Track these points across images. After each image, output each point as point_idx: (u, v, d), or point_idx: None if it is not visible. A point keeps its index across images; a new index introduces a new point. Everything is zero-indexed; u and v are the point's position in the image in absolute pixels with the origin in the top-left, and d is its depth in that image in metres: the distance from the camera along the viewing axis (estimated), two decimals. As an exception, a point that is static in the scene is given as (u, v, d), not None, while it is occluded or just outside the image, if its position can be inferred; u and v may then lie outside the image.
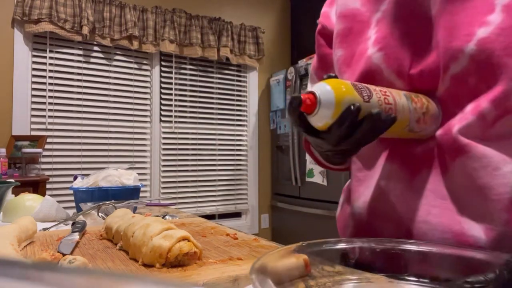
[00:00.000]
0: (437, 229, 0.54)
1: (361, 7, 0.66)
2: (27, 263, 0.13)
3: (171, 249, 0.48)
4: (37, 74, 2.84)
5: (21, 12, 2.70)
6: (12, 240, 0.53)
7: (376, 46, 0.61)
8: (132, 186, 1.09)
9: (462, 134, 0.53)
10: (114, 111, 3.13)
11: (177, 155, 3.40)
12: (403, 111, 0.51)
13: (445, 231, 0.53)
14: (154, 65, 3.32)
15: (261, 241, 0.63)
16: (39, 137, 2.71)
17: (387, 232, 0.60)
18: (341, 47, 0.67)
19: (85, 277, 0.13)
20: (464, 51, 0.51)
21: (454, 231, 0.53)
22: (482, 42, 0.50)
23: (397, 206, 0.59)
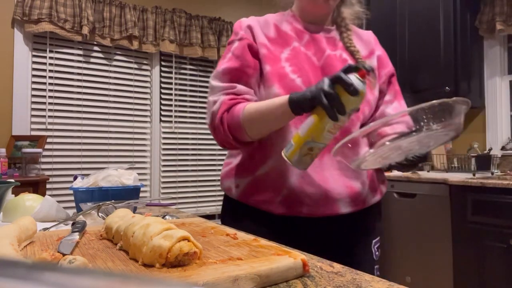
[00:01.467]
0: (338, 184, 0.94)
1: (270, 46, 1.00)
2: (27, 263, 0.13)
3: (171, 249, 0.48)
4: (37, 74, 2.84)
5: (21, 12, 2.70)
6: (12, 240, 0.53)
7: (295, 74, 0.96)
8: (132, 186, 1.09)
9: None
10: (114, 111, 3.13)
11: (177, 155, 3.40)
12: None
13: (341, 186, 0.94)
14: (154, 65, 3.32)
15: (261, 241, 0.63)
16: (39, 137, 2.71)
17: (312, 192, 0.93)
18: (268, 64, 0.98)
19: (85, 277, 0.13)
20: None
21: (346, 185, 0.95)
22: None
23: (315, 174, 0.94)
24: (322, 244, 0.92)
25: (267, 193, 0.96)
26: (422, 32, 2.86)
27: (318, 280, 0.50)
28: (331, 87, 0.73)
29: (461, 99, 0.67)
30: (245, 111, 0.90)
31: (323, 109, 0.74)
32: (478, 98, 2.87)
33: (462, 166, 2.86)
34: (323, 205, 0.93)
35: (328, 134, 0.77)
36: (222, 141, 0.97)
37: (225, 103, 0.94)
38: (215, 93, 0.98)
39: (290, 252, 0.54)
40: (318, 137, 0.76)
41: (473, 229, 2.22)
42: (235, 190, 1.02)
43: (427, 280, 2.46)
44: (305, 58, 0.99)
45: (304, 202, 0.93)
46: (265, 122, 0.88)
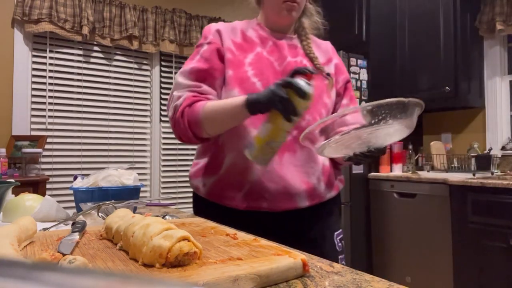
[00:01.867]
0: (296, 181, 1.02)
1: (236, 51, 1.07)
2: (27, 263, 0.13)
3: (171, 249, 0.48)
4: (37, 74, 2.84)
5: (21, 12, 2.70)
6: (12, 240, 0.53)
7: (256, 77, 1.03)
8: (132, 186, 1.09)
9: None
10: (114, 111, 3.13)
11: (177, 155, 3.40)
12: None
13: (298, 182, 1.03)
14: (154, 65, 3.32)
15: (261, 241, 0.63)
16: (39, 137, 2.71)
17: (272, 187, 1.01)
18: (231, 69, 1.05)
19: (85, 277, 0.13)
20: None
21: (304, 181, 1.03)
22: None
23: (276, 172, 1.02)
24: (286, 237, 0.94)
25: (230, 190, 1.04)
26: (422, 32, 2.86)
27: (318, 280, 0.50)
28: (284, 92, 0.81)
29: (415, 100, 0.76)
30: (205, 108, 0.97)
31: (278, 112, 0.83)
32: (478, 98, 2.87)
33: (462, 166, 2.86)
34: (282, 200, 1.01)
35: (286, 133, 0.89)
36: (180, 135, 1.02)
37: (188, 99, 1.00)
38: (180, 88, 1.04)
39: (290, 252, 0.54)
40: (277, 137, 0.88)
41: (473, 229, 2.22)
42: (202, 189, 1.10)
43: (427, 280, 2.46)
44: (267, 63, 1.07)
45: (265, 197, 1.01)
46: (223, 120, 0.96)
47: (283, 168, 1.01)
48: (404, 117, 0.76)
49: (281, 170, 1.01)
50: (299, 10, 1.09)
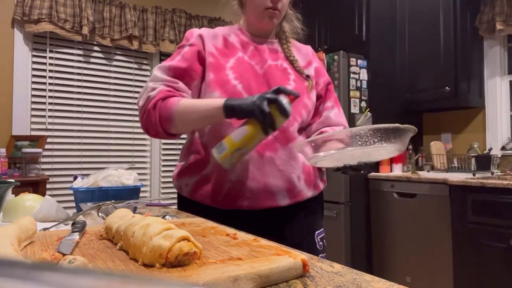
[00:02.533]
0: (276, 178, 1.04)
1: (218, 55, 1.10)
2: (27, 263, 0.13)
3: (171, 249, 0.48)
4: (37, 74, 2.84)
5: (21, 12, 2.70)
6: (12, 240, 0.53)
7: (237, 80, 1.05)
8: (132, 186, 1.09)
9: (293, 130, 1.08)
10: (114, 111, 3.13)
11: (177, 155, 3.40)
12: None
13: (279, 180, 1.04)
14: (154, 65, 3.32)
15: (261, 241, 0.63)
16: (39, 137, 2.71)
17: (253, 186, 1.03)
18: (212, 73, 1.07)
19: (85, 277, 0.13)
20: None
21: (283, 179, 1.05)
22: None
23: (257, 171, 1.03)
24: (266, 235, 0.94)
25: (212, 189, 1.05)
26: (422, 32, 2.86)
27: (318, 280, 0.50)
28: (267, 106, 0.85)
29: (411, 126, 0.81)
30: (179, 104, 0.97)
31: (258, 124, 0.87)
32: (478, 98, 2.87)
33: (462, 166, 2.86)
34: (263, 198, 1.03)
35: (259, 142, 0.92)
36: (147, 127, 1.02)
37: (163, 92, 1.00)
38: (157, 81, 1.04)
39: (290, 252, 0.54)
40: (249, 145, 0.90)
41: (473, 229, 2.22)
42: (185, 189, 1.12)
43: (427, 280, 2.46)
44: (248, 67, 1.10)
45: (245, 195, 1.02)
46: (196, 119, 0.97)
47: (264, 166, 1.03)
48: (398, 141, 0.81)
49: (262, 169, 1.03)
50: (280, 17, 1.12)
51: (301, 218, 1.11)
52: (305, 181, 1.10)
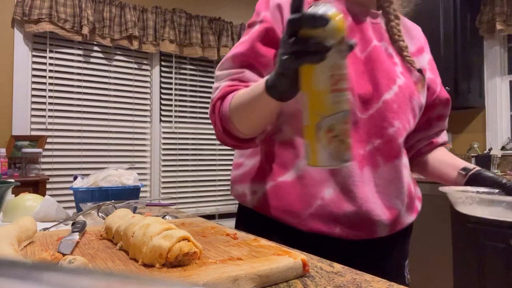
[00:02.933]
0: (378, 204, 0.80)
1: None
2: (27, 263, 0.13)
3: (171, 249, 0.48)
4: (37, 74, 2.84)
5: (21, 12, 2.70)
6: (12, 240, 0.53)
7: None
8: (132, 186, 1.09)
9: (401, 143, 0.83)
10: (114, 111, 3.13)
11: (177, 155, 3.40)
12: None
13: (381, 206, 0.80)
14: (154, 65, 3.32)
15: (261, 241, 0.63)
16: (39, 137, 2.71)
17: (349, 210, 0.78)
18: None
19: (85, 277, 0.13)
20: (392, 88, 0.82)
21: (386, 205, 0.81)
22: (401, 87, 0.83)
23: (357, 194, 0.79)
24: (354, 268, 0.75)
25: (294, 204, 0.79)
26: (422, 31, 2.85)
27: (318, 280, 0.50)
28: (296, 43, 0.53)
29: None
30: (234, 98, 0.75)
31: (303, 68, 0.54)
32: (478, 98, 2.87)
33: (462, 166, 2.86)
34: (360, 227, 0.78)
35: (334, 94, 0.53)
36: (217, 136, 0.81)
37: (224, 89, 0.78)
38: (220, 79, 0.82)
39: (290, 252, 0.54)
40: (326, 108, 0.53)
41: (473, 229, 2.22)
42: (250, 198, 0.85)
43: (427, 280, 2.46)
44: None
45: (339, 221, 0.77)
46: (248, 112, 0.72)
47: (364, 186, 0.78)
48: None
49: (361, 190, 0.78)
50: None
51: (396, 248, 0.88)
52: (407, 206, 0.86)
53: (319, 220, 0.78)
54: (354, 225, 0.78)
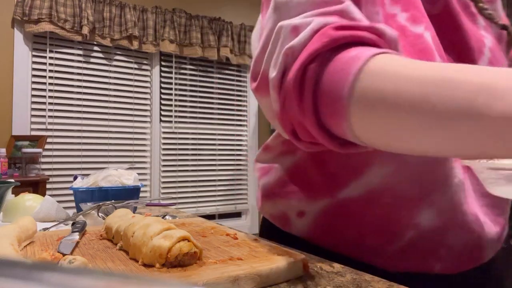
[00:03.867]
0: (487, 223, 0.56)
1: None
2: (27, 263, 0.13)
3: (171, 249, 0.48)
4: (37, 74, 2.84)
5: (21, 12, 2.70)
6: (12, 240, 0.53)
7: (419, 25, 0.51)
8: (132, 186, 1.09)
9: None
10: (114, 111, 3.13)
11: (177, 155, 3.40)
12: None
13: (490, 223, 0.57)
14: (154, 65, 3.32)
15: (261, 241, 0.63)
16: (39, 137, 2.71)
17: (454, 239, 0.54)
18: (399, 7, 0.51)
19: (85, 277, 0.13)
20: (483, 51, 0.56)
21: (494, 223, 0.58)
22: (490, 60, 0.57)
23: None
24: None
25: (371, 236, 0.54)
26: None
27: (318, 280, 0.50)
28: None
29: None
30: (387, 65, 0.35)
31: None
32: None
33: (462, 166, 2.86)
34: (467, 257, 0.55)
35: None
36: (287, 120, 0.43)
37: (329, 27, 0.40)
38: (292, 14, 0.44)
39: (290, 252, 0.54)
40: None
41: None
42: (297, 221, 0.60)
43: None
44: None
45: (440, 255, 0.53)
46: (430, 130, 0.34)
47: (471, 200, 0.54)
48: None
49: (470, 206, 0.53)
50: None
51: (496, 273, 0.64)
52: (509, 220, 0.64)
53: (412, 257, 0.53)
54: (461, 255, 0.54)
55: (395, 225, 0.53)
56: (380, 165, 0.52)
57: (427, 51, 0.49)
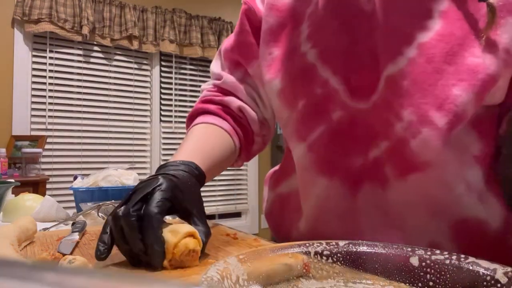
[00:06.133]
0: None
1: (295, 1, 0.60)
2: (27, 263, 0.13)
3: (177, 244, 0.48)
4: (37, 74, 2.84)
5: (21, 12, 2.70)
6: (12, 240, 0.53)
7: (310, 42, 0.57)
8: (132, 186, 1.09)
9: (419, 149, 0.48)
10: (114, 111, 3.13)
11: (177, 155, 3.39)
12: None
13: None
14: (154, 65, 3.32)
15: (261, 241, 0.63)
16: (39, 137, 2.71)
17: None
18: (277, 46, 0.61)
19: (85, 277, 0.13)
20: (403, 53, 0.49)
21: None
22: (422, 46, 0.48)
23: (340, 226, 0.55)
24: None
25: (281, 226, 0.69)
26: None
27: (318, 280, 0.50)
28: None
29: None
30: (188, 132, 0.70)
31: None
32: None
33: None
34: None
35: None
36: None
37: (199, 102, 0.74)
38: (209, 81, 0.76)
39: (290, 252, 0.54)
40: None
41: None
42: (264, 203, 0.77)
43: None
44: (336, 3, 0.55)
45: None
46: None
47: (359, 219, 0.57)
48: None
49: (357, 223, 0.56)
50: None
51: None
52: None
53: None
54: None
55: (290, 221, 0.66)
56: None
57: (309, 68, 0.56)
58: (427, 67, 0.47)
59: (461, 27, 0.47)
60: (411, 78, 0.48)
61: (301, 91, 0.57)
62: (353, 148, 0.54)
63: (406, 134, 0.49)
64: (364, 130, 0.53)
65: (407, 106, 0.48)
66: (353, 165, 0.54)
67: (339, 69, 0.54)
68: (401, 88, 0.48)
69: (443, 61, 0.46)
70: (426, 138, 0.47)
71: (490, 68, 0.45)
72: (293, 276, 0.50)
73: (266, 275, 0.47)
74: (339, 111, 0.55)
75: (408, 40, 0.48)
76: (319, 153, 0.56)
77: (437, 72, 0.46)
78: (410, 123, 0.48)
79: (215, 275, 0.33)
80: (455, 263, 0.39)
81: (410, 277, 0.44)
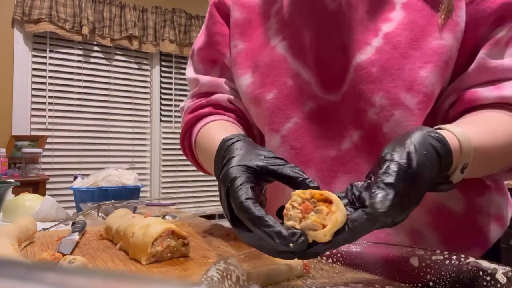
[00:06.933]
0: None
1: (259, 1, 0.63)
2: (27, 263, 0.13)
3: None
4: (37, 74, 2.84)
5: (21, 12, 2.70)
6: (12, 240, 0.53)
7: (279, 36, 0.59)
8: (132, 186, 1.09)
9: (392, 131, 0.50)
10: (114, 111, 3.13)
11: (177, 155, 3.40)
12: None
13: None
14: (154, 65, 3.32)
15: (261, 241, 0.63)
16: (39, 137, 2.71)
17: None
18: (242, 40, 0.63)
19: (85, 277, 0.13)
20: (371, 43, 0.51)
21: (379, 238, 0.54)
22: (387, 35, 0.51)
23: None
24: None
25: None
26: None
27: (318, 280, 0.50)
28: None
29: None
30: (197, 137, 0.63)
31: None
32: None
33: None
34: None
35: None
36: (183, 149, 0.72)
37: (187, 114, 0.67)
38: (190, 89, 0.73)
39: (290, 252, 0.54)
40: None
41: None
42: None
43: None
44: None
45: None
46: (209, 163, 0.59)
47: None
48: None
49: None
50: None
51: None
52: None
53: None
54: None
55: None
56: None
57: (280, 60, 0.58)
58: (393, 53, 0.50)
59: (423, 16, 0.51)
60: (379, 64, 0.50)
61: (272, 81, 0.58)
62: (326, 140, 0.55)
63: (379, 119, 0.51)
64: (336, 122, 0.55)
65: (378, 91, 0.50)
66: (327, 157, 0.55)
67: (309, 62, 0.56)
68: (370, 75, 0.51)
69: (409, 47, 0.50)
70: (398, 119, 0.50)
71: (452, 50, 0.50)
72: (293, 276, 0.50)
73: (266, 275, 0.47)
74: (311, 103, 0.56)
75: (374, 32, 0.52)
76: (292, 144, 0.57)
77: (404, 57, 0.50)
78: (382, 107, 0.50)
79: (215, 275, 0.33)
80: (455, 263, 0.39)
81: (410, 277, 0.44)
